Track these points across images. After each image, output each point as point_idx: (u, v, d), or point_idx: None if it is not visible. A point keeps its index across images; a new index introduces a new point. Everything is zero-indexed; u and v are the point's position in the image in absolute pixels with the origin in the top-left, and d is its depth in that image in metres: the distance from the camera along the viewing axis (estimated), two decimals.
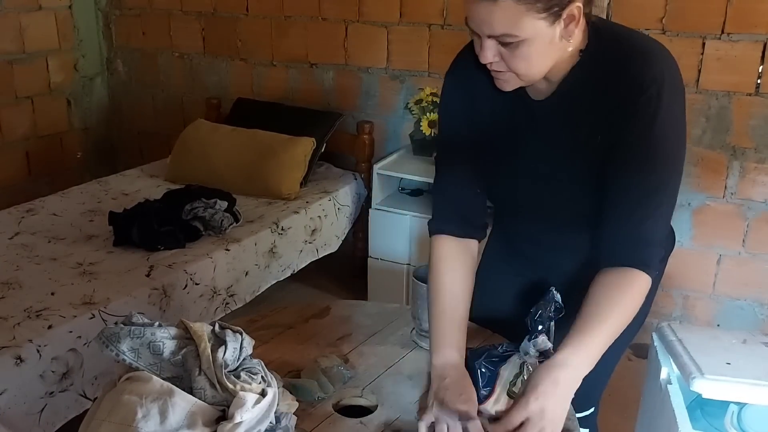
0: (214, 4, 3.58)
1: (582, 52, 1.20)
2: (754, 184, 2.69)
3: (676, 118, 1.19)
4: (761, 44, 2.55)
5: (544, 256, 1.46)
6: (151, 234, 2.42)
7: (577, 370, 1.13)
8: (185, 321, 1.13)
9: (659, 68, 1.15)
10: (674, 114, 1.18)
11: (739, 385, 1.43)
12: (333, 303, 1.64)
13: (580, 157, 1.24)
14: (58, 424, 1.89)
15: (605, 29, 1.21)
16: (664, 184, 1.20)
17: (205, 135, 3.17)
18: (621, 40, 1.20)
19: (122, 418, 1.00)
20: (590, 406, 1.52)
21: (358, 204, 3.21)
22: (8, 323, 1.91)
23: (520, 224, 1.47)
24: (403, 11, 3.13)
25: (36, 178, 3.71)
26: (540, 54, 1.14)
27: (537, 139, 1.29)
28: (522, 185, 1.34)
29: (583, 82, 1.21)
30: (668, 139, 1.18)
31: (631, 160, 1.18)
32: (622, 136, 1.17)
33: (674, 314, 2.92)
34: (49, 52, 3.72)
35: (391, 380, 1.34)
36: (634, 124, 1.16)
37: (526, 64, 1.15)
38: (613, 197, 1.21)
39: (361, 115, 3.34)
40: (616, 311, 1.17)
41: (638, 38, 1.21)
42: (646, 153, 1.17)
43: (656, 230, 1.21)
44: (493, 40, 1.14)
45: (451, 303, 1.32)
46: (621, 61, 1.17)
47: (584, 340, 1.14)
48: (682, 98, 1.21)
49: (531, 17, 1.09)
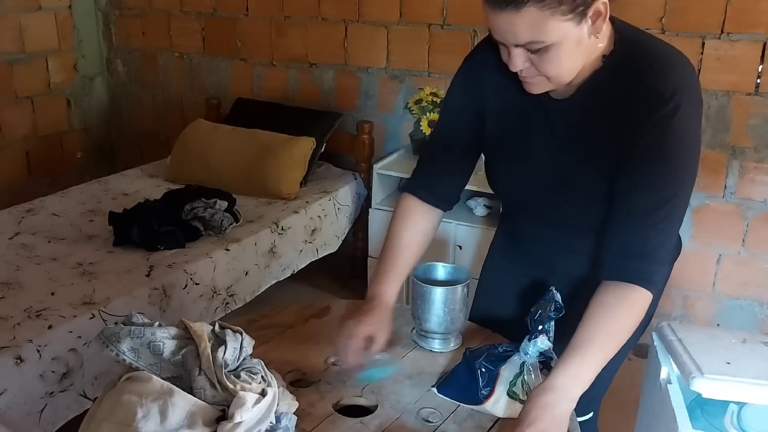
0: (213, 5, 3.58)
1: (605, 57, 1.18)
2: (754, 183, 2.69)
3: (692, 133, 1.17)
4: (761, 44, 2.55)
5: (549, 257, 1.45)
6: (151, 234, 2.42)
7: (569, 392, 1.13)
8: (185, 321, 1.13)
9: (679, 81, 1.14)
10: (690, 128, 1.16)
11: (739, 385, 1.43)
12: (333, 303, 1.64)
13: (593, 162, 1.22)
14: (58, 424, 1.89)
15: (630, 36, 1.20)
16: (673, 199, 1.17)
17: (205, 135, 3.17)
18: (645, 49, 1.19)
19: (122, 418, 1.00)
20: (590, 410, 1.52)
21: (357, 204, 3.21)
22: (8, 323, 1.92)
23: (526, 224, 1.46)
24: (403, 11, 3.13)
25: (36, 178, 3.71)
26: (570, 55, 1.12)
27: (548, 139, 1.27)
28: (529, 186, 1.33)
29: (603, 88, 1.19)
30: (682, 153, 1.16)
31: (642, 172, 1.16)
32: (637, 146, 1.15)
33: (674, 314, 2.92)
34: (48, 52, 3.72)
35: (390, 380, 1.34)
36: (649, 136, 1.14)
37: (557, 67, 1.13)
38: (620, 208, 1.19)
39: (360, 115, 3.34)
40: (612, 332, 1.16)
41: (662, 48, 1.20)
42: (658, 166, 1.15)
43: (662, 245, 1.19)
44: (520, 48, 1.12)
45: (401, 252, 1.41)
46: (642, 71, 1.15)
47: (576, 363, 1.14)
48: (699, 111, 1.19)
49: (556, 20, 1.07)
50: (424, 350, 1.44)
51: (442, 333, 1.43)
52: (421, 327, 1.44)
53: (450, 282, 1.45)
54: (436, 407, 1.26)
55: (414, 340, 1.47)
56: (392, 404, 1.27)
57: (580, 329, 1.16)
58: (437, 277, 1.49)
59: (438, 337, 1.44)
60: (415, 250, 1.42)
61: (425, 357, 1.42)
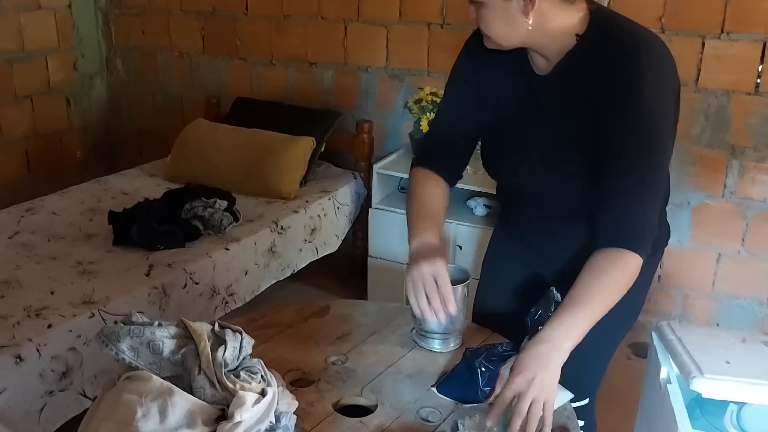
0: (213, 4, 3.58)
1: (579, 36, 1.25)
2: (753, 183, 2.69)
3: (663, 110, 1.23)
4: (761, 43, 2.55)
5: (544, 244, 1.49)
6: (151, 233, 2.42)
7: (561, 343, 1.16)
8: (185, 320, 1.13)
9: (648, 60, 1.20)
10: (660, 104, 1.22)
11: (739, 385, 1.43)
12: (333, 302, 1.64)
13: (573, 140, 1.29)
14: (57, 424, 1.89)
15: (605, 19, 1.27)
16: (650, 170, 1.24)
17: (205, 134, 3.17)
18: (618, 31, 1.25)
19: (122, 417, 1.00)
20: (585, 396, 1.53)
21: (357, 203, 3.21)
22: (8, 322, 1.92)
23: (520, 208, 1.52)
24: (403, 10, 3.13)
25: (35, 177, 3.70)
26: (495, 22, 1.24)
27: (535, 116, 1.34)
28: (520, 164, 1.39)
29: (577, 66, 1.26)
30: (654, 129, 1.22)
31: (617, 152, 1.23)
32: (612, 123, 1.22)
33: (674, 313, 2.92)
34: (48, 51, 3.72)
35: (390, 380, 1.34)
36: (621, 115, 1.21)
37: (486, 27, 1.27)
38: (603, 183, 1.25)
39: (360, 114, 3.34)
40: (604, 290, 1.21)
41: (635, 30, 1.26)
42: (630, 140, 1.22)
43: (644, 212, 1.25)
44: (471, 4, 1.26)
45: (430, 203, 1.44)
46: (614, 50, 1.22)
47: (568, 317, 1.18)
48: (673, 88, 1.26)
49: None
50: (424, 350, 1.44)
51: (442, 333, 1.43)
52: (421, 327, 1.44)
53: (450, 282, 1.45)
54: (436, 407, 1.26)
55: (414, 340, 1.47)
56: (392, 404, 1.27)
57: (574, 288, 1.21)
58: None
59: (438, 337, 1.43)
60: (442, 203, 1.46)
61: (425, 357, 1.42)
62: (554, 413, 1.21)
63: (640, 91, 1.19)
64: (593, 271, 1.22)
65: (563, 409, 1.25)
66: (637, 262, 1.23)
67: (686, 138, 2.74)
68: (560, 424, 1.21)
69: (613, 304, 1.22)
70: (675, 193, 2.80)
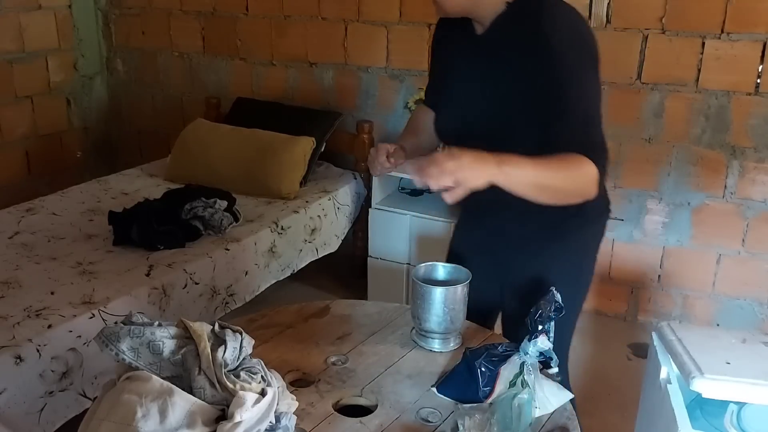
0: (213, 4, 3.58)
1: (509, 3, 1.43)
2: (754, 183, 2.69)
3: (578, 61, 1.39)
4: (761, 44, 2.55)
5: (488, 215, 1.60)
6: (151, 233, 2.42)
7: (500, 163, 1.25)
8: (185, 320, 1.13)
9: (562, 23, 1.39)
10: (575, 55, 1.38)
11: (739, 385, 1.43)
12: (333, 302, 1.64)
13: (508, 96, 1.43)
14: (57, 424, 1.89)
15: None
16: (573, 104, 1.37)
17: (205, 134, 3.17)
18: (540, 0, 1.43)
19: (122, 418, 1.00)
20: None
21: (357, 203, 3.21)
22: (8, 323, 1.91)
23: None
24: (403, 11, 3.13)
25: (36, 178, 3.71)
26: None
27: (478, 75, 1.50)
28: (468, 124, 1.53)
29: (504, 29, 1.45)
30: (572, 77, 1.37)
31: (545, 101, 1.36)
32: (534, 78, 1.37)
33: (674, 313, 2.92)
34: (48, 51, 3.72)
35: (390, 380, 1.34)
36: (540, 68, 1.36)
37: None
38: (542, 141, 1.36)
39: (360, 114, 3.34)
40: (554, 168, 1.32)
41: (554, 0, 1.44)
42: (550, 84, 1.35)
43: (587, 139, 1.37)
44: None
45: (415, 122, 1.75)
46: (532, 15, 1.40)
47: (519, 158, 1.28)
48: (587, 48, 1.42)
49: None
50: (424, 350, 1.44)
51: (442, 333, 1.43)
52: (421, 327, 1.44)
53: (450, 282, 1.45)
54: (436, 407, 1.26)
55: (414, 340, 1.47)
56: (392, 404, 1.27)
57: None
58: (437, 278, 1.50)
59: (438, 337, 1.44)
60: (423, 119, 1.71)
61: (425, 357, 1.42)
62: (554, 413, 1.22)
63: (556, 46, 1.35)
64: (551, 157, 1.32)
65: (563, 409, 1.25)
66: (592, 168, 1.32)
67: (686, 138, 2.74)
68: (560, 424, 1.21)
69: (562, 187, 1.33)
70: (675, 193, 2.82)
